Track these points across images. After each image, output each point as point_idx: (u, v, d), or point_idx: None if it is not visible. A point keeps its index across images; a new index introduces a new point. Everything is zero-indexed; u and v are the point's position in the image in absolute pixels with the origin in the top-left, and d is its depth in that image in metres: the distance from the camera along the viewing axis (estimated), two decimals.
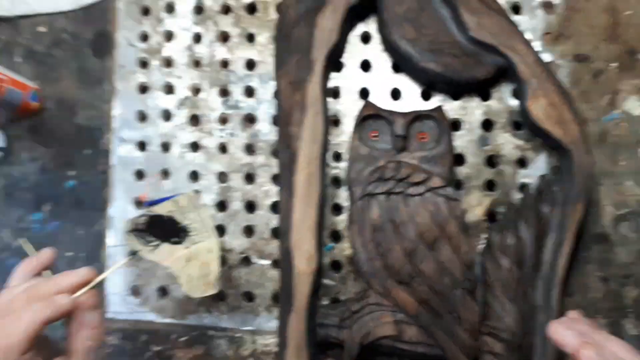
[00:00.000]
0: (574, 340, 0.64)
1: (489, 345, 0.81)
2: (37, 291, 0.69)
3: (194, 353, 0.93)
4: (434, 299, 0.80)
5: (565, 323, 0.68)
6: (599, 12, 0.89)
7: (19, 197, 1.02)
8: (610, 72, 0.88)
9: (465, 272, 0.81)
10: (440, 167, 0.84)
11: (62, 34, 1.04)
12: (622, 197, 0.86)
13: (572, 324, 0.68)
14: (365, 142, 0.87)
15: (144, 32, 1.01)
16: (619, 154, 0.87)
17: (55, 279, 0.72)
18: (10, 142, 1.03)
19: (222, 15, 0.99)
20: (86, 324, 0.71)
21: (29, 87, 1.00)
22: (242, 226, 0.94)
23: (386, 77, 0.93)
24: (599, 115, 0.87)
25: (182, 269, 0.89)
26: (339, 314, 0.85)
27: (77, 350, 0.71)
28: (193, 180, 0.97)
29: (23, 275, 0.76)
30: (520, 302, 0.81)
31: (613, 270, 0.86)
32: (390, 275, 0.82)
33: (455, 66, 0.86)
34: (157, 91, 0.99)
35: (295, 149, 0.87)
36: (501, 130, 0.89)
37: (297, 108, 0.88)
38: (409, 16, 0.88)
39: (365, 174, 0.86)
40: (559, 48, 0.89)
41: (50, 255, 0.78)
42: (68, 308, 0.69)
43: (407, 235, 0.82)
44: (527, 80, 0.83)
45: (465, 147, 0.90)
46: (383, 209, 0.84)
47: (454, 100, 0.91)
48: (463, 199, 0.88)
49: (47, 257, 0.78)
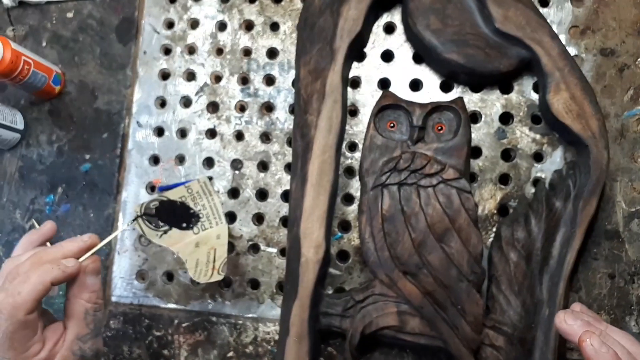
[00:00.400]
0: (580, 330, 0.68)
1: (491, 338, 0.85)
2: (44, 256, 0.79)
3: (195, 339, 1.00)
4: (439, 291, 0.85)
5: (571, 314, 0.73)
6: (628, 6, 0.94)
7: (34, 179, 1.12)
8: (636, 68, 0.93)
9: (472, 265, 0.85)
10: (455, 159, 0.89)
11: (89, 19, 1.14)
12: (636, 194, 0.91)
13: (577, 315, 0.73)
14: (381, 132, 0.92)
15: (169, 19, 1.10)
16: (637, 150, 0.91)
17: (61, 245, 0.82)
18: (28, 125, 1.13)
19: (247, 3, 1.07)
20: (87, 287, 0.81)
21: (53, 70, 1.10)
22: (252, 214, 1.02)
23: (407, 68, 1.00)
24: (621, 110, 0.92)
25: (190, 254, 0.97)
26: (343, 304, 0.90)
27: (75, 313, 0.81)
28: (207, 167, 1.05)
29: (26, 246, 0.86)
30: (525, 296, 0.86)
31: (621, 267, 0.89)
32: (397, 266, 0.87)
33: (479, 58, 0.92)
34: (179, 78, 1.08)
35: (311, 137, 0.94)
36: (519, 124, 0.95)
37: (315, 96, 0.95)
38: (435, 7, 0.94)
39: (379, 164, 0.91)
40: (584, 42, 0.95)
41: (52, 227, 0.88)
42: (74, 270, 0.79)
43: (417, 226, 0.87)
44: (550, 73, 0.89)
45: (482, 139, 0.95)
46: (395, 200, 0.89)
47: (473, 93, 0.97)
48: (476, 191, 0.94)
49: (48, 229, 0.88)
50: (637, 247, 0.89)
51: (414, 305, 0.86)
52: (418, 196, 0.88)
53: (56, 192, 1.10)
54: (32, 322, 0.75)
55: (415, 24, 0.94)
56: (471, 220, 0.86)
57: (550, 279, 0.86)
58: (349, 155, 0.99)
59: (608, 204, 0.90)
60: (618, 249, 0.89)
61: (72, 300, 0.81)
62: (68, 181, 1.10)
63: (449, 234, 0.86)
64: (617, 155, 0.91)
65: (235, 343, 0.98)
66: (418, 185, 0.88)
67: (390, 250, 0.87)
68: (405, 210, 0.88)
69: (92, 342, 0.81)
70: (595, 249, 0.90)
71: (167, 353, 1.00)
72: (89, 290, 0.81)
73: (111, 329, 1.03)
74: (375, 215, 0.88)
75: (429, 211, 0.87)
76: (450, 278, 0.85)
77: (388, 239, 0.88)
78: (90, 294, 0.81)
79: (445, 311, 0.85)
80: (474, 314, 0.84)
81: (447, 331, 0.84)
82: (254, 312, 0.99)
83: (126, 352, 1.02)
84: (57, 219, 1.08)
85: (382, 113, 0.94)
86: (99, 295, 0.82)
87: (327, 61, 0.95)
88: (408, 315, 0.86)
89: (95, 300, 0.81)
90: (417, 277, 0.86)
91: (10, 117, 1.08)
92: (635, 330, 0.87)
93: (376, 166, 0.91)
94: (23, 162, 1.12)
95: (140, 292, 1.03)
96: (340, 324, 0.90)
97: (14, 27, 1.17)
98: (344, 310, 0.90)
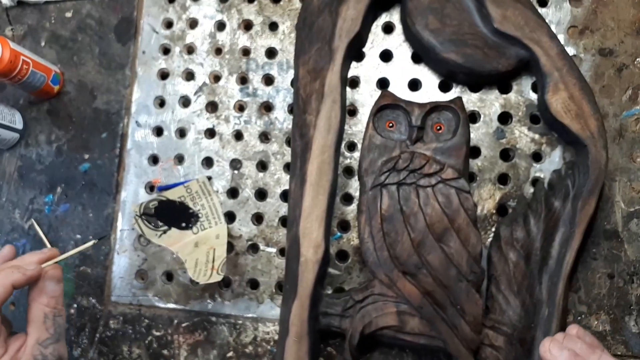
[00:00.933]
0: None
1: (490, 338, 0.86)
2: (6, 265, 0.82)
3: (195, 339, 1.00)
4: (438, 291, 0.85)
5: (560, 342, 0.72)
6: (627, 6, 0.94)
7: (33, 179, 1.12)
8: (634, 67, 0.93)
9: (471, 265, 0.86)
10: (454, 158, 0.89)
11: (88, 19, 1.14)
12: (635, 194, 0.91)
13: (569, 342, 0.72)
14: (380, 132, 0.92)
15: (168, 19, 1.10)
16: (636, 150, 0.92)
17: (22, 257, 0.86)
18: (27, 124, 1.13)
19: (246, 3, 1.07)
20: (46, 291, 0.83)
21: (52, 70, 1.10)
22: (251, 213, 1.02)
23: (405, 67, 1.00)
24: (620, 110, 0.92)
25: (190, 254, 0.97)
26: (342, 304, 0.90)
27: (35, 317, 0.82)
28: (207, 167, 1.05)
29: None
30: (524, 296, 0.86)
31: (620, 267, 0.90)
32: (396, 266, 0.87)
33: (477, 57, 0.92)
34: (177, 77, 1.08)
35: (310, 137, 0.94)
36: (518, 124, 0.95)
37: (314, 96, 0.95)
38: (434, 6, 0.94)
39: (378, 163, 0.91)
40: (583, 42, 0.95)
41: (11, 251, 0.89)
42: (35, 273, 0.81)
43: (416, 226, 0.87)
44: (548, 72, 0.89)
45: (481, 139, 0.95)
46: (394, 200, 0.89)
47: (472, 93, 0.97)
48: (475, 191, 0.94)
49: (8, 252, 0.89)
50: (636, 247, 0.90)
51: (413, 305, 0.86)
52: (417, 196, 0.88)
53: (55, 192, 1.10)
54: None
55: (413, 23, 0.95)
56: (470, 220, 0.86)
57: (550, 278, 0.86)
58: (348, 155, 0.99)
59: (607, 203, 0.91)
60: (617, 249, 0.90)
61: (32, 304, 0.82)
62: (67, 181, 1.10)
63: (448, 234, 0.86)
64: (615, 155, 0.91)
65: (234, 343, 0.98)
66: (417, 185, 0.88)
67: (389, 250, 0.87)
68: (404, 210, 0.88)
69: (54, 348, 0.81)
70: (595, 249, 0.90)
71: (166, 353, 1.00)
72: (49, 295, 0.82)
73: (111, 329, 1.03)
74: (375, 215, 0.88)
75: (428, 211, 0.87)
76: (449, 278, 0.85)
77: (387, 239, 0.88)
78: (49, 299, 0.82)
79: (444, 311, 0.85)
80: (474, 314, 0.84)
81: (446, 331, 0.84)
82: (253, 312, 0.99)
83: (126, 352, 1.02)
84: (56, 218, 1.09)
85: (381, 113, 0.94)
86: (59, 301, 0.83)
87: (325, 61, 0.96)
88: (407, 315, 0.86)
89: (54, 305, 0.82)
90: (416, 277, 0.86)
91: (9, 116, 1.08)
92: (635, 330, 0.88)
93: (375, 166, 0.91)
94: (22, 161, 1.12)
95: (140, 292, 1.03)
96: (340, 324, 0.90)
97: (13, 26, 1.17)
98: (343, 310, 0.90)
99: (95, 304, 1.04)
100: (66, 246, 1.06)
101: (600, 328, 0.88)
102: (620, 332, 0.88)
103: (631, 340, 0.87)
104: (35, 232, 1.08)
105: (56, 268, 0.84)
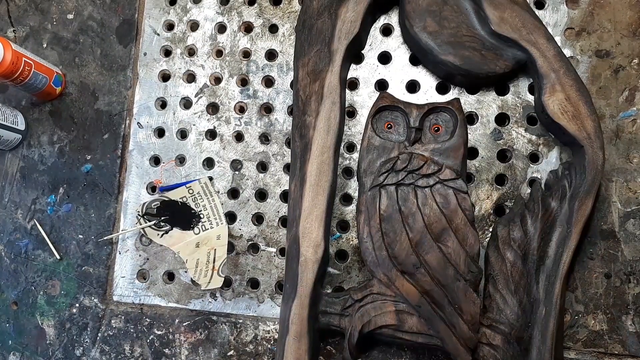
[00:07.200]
0: None
1: (488, 337, 0.86)
2: None
3: (196, 337, 1.00)
4: (436, 290, 0.85)
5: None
6: (623, 8, 0.94)
7: (35, 180, 1.12)
8: (631, 69, 0.93)
9: (469, 264, 0.86)
10: (452, 159, 0.89)
11: (89, 21, 1.14)
12: (631, 194, 0.91)
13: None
14: (379, 133, 0.92)
15: (169, 21, 1.10)
16: (632, 151, 0.92)
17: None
18: (30, 125, 1.13)
19: (246, 6, 1.07)
20: None
21: (54, 71, 1.10)
22: (252, 214, 1.02)
23: (404, 69, 1.00)
24: (616, 111, 0.93)
25: (191, 254, 0.97)
26: (342, 303, 0.90)
27: None
28: (208, 168, 1.05)
29: None
30: (521, 295, 0.86)
31: (617, 267, 0.90)
32: (394, 265, 0.87)
33: (475, 59, 0.92)
34: (179, 79, 1.08)
35: (309, 138, 0.94)
36: (515, 125, 0.95)
37: (314, 98, 0.95)
38: (432, 9, 0.94)
39: (377, 164, 0.91)
40: (580, 43, 0.95)
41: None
42: None
43: (415, 226, 0.87)
44: (545, 74, 0.89)
45: (478, 140, 0.96)
46: (392, 200, 0.89)
47: (470, 94, 0.97)
48: (472, 192, 0.94)
49: None
50: (633, 246, 0.90)
51: (411, 304, 0.86)
52: (415, 196, 0.88)
53: (57, 193, 1.10)
54: None
55: (412, 26, 0.95)
56: (468, 220, 0.86)
57: (547, 278, 0.86)
58: (347, 156, 0.99)
59: (604, 204, 0.91)
60: (614, 249, 0.90)
61: None
62: (69, 181, 1.10)
63: (446, 234, 0.86)
64: (612, 156, 0.91)
65: (235, 342, 0.98)
66: (415, 186, 0.89)
67: (388, 249, 0.87)
68: (402, 210, 0.88)
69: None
70: (591, 249, 0.90)
71: (168, 352, 1.00)
72: None
73: (112, 328, 1.03)
74: (373, 215, 0.89)
75: (426, 211, 0.87)
76: (447, 277, 0.85)
77: (386, 239, 0.88)
78: None
79: (442, 310, 0.85)
80: (471, 313, 0.84)
81: (444, 330, 0.85)
82: (253, 311, 0.99)
83: (127, 351, 1.02)
84: (58, 218, 1.09)
85: (380, 114, 0.94)
86: None
87: (325, 63, 0.96)
88: (406, 314, 0.87)
89: None
90: (414, 276, 0.86)
91: (11, 117, 1.08)
92: (632, 329, 0.88)
93: (374, 167, 0.91)
94: (24, 162, 1.12)
95: (142, 292, 1.03)
96: (339, 323, 0.90)
97: (15, 28, 1.17)
98: (342, 309, 0.90)
99: (98, 303, 1.05)
100: (68, 246, 1.06)
101: (597, 327, 0.89)
102: (617, 331, 0.88)
103: (628, 340, 0.88)
104: (37, 232, 1.08)
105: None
